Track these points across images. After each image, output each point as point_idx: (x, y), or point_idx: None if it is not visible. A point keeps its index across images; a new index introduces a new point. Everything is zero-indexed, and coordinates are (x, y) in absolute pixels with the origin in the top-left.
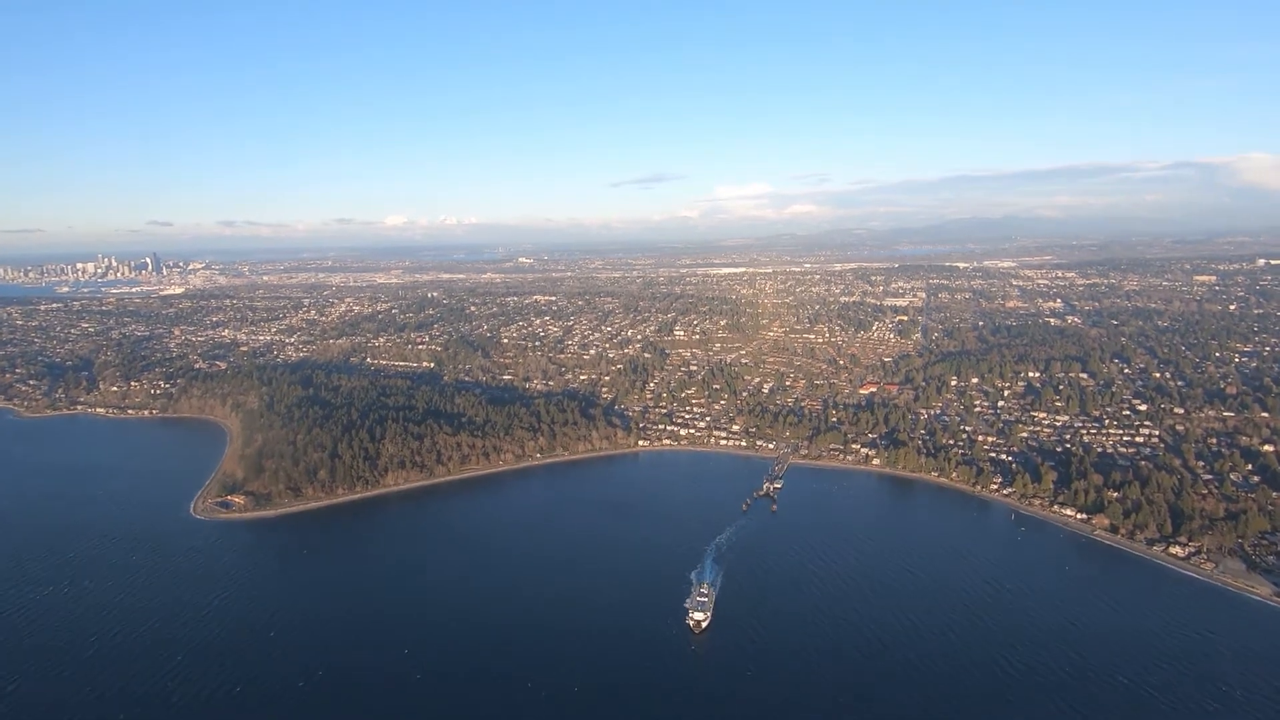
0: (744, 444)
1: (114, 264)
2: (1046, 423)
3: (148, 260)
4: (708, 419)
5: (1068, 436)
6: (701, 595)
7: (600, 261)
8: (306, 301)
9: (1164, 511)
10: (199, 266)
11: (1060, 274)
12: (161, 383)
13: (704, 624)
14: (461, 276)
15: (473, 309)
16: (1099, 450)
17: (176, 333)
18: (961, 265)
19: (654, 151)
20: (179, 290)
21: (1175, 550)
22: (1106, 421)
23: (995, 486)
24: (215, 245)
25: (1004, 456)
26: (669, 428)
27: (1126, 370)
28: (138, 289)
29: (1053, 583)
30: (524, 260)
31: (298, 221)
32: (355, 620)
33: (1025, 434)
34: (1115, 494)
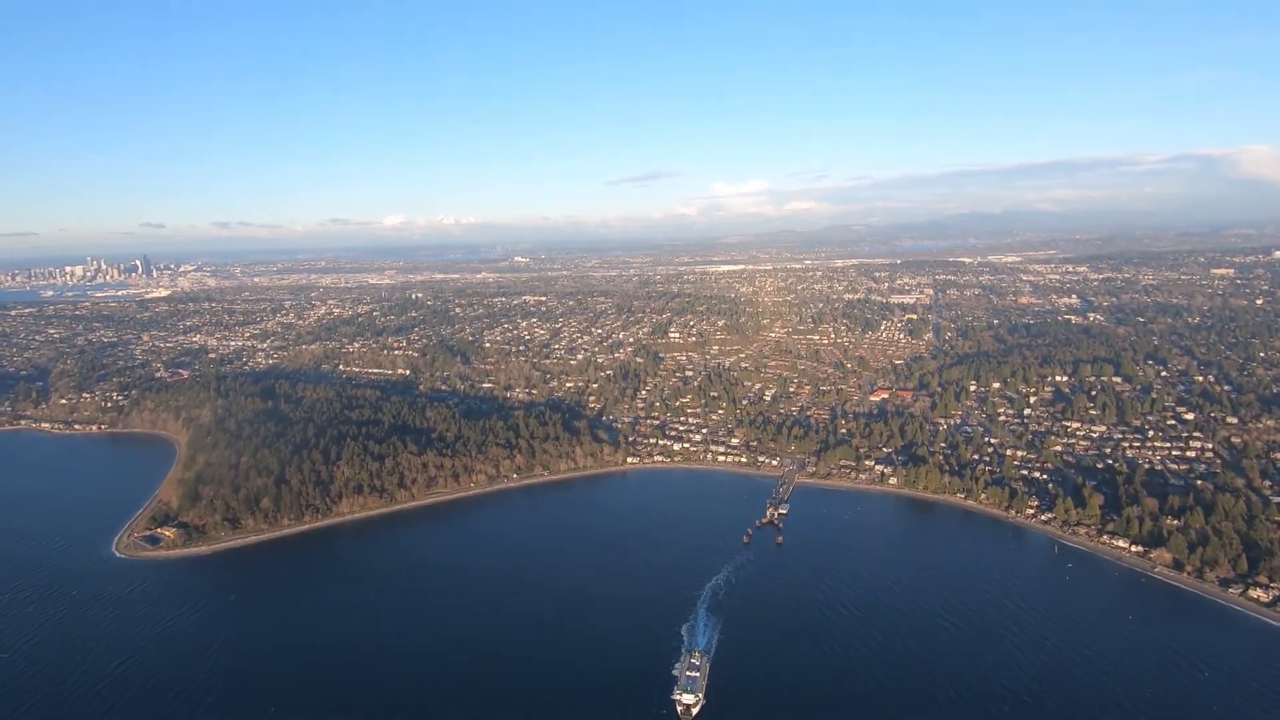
0: (744, 460)
1: (103, 267)
2: (1081, 434)
3: (137, 263)
4: (704, 431)
5: (1108, 450)
6: (692, 670)
7: (597, 260)
8: (288, 304)
9: (1236, 545)
10: (190, 269)
11: (1070, 268)
12: (115, 394)
13: (695, 709)
14: (455, 276)
15: (458, 311)
16: (1147, 467)
17: (145, 338)
18: (966, 260)
19: (650, 149)
20: (164, 293)
21: (1257, 594)
22: (1150, 433)
23: (1032, 511)
24: (210, 247)
25: (1038, 474)
26: (661, 442)
27: (1164, 373)
28: (123, 292)
29: (1119, 637)
30: (520, 259)
31: (294, 222)
32: (279, 689)
33: (1059, 447)
34: (1175, 522)
